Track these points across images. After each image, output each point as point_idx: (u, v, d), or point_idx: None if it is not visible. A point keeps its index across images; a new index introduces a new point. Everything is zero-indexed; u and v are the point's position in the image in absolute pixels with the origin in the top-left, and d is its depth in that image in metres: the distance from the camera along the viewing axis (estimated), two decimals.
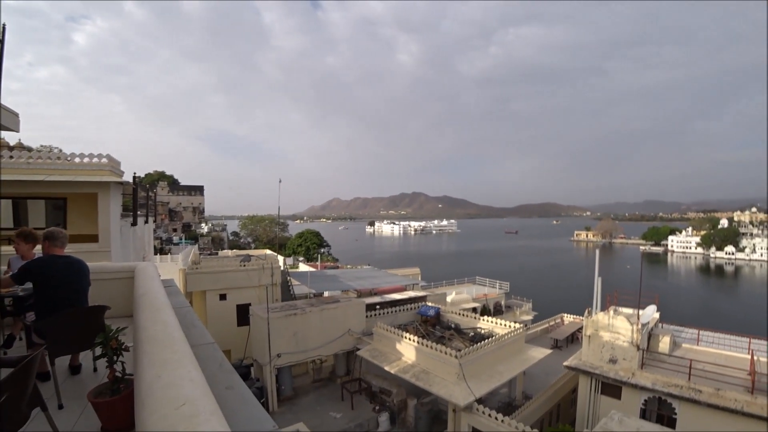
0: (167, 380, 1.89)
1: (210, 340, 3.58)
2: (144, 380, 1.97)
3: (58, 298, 4.39)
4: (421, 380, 18.02)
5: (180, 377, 1.94)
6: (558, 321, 37.28)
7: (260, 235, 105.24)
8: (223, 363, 3.13)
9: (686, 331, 22.86)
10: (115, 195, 13.76)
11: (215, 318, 25.95)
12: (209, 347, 3.41)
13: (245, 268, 27.48)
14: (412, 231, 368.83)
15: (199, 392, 1.83)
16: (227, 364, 3.13)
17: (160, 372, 1.99)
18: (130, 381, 3.11)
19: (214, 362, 3.11)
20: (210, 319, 25.72)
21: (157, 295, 3.68)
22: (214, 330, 25.19)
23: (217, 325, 25.57)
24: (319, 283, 30.86)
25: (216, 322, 25.77)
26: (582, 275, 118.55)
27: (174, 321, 3.01)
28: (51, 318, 4.11)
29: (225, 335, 25.46)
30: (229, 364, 3.16)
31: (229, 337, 25.58)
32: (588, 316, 20.38)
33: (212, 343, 3.51)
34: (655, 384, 17.38)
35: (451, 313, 26.15)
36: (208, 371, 2.56)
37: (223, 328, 25.67)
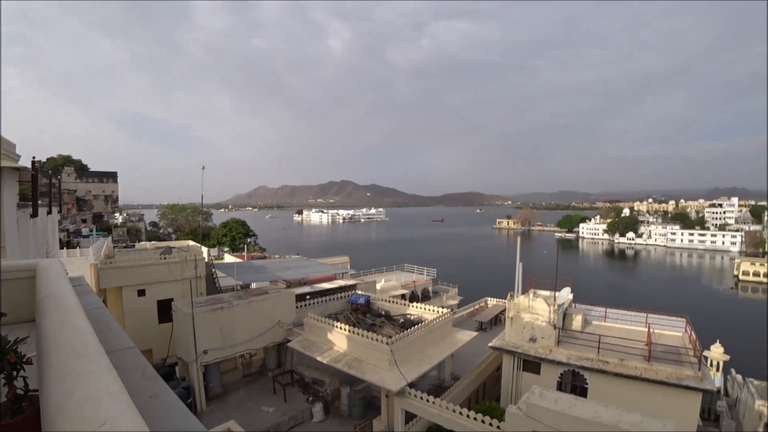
0: (81, 396, 1.66)
1: (129, 344, 3.25)
2: (53, 398, 1.70)
3: None
4: (354, 368, 18.13)
5: (97, 391, 1.71)
6: (483, 304, 39.18)
7: (182, 225, 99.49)
8: (146, 369, 2.85)
9: (595, 310, 25.06)
10: (9, 182, 12.18)
11: (134, 316, 24.13)
12: (129, 353, 3.10)
13: (166, 260, 25.74)
14: (340, 219, 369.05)
15: (121, 407, 1.63)
16: (150, 370, 2.86)
17: (72, 387, 1.74)
18: (35, 398, 2.72)
19: (136, 369, 2.82)
20: (128, 317, 23.88)
21: (64, 297, 3.28)
22: (133, 329, 23.45)
23: (136, 324, 23.83)
24: (246, 275, 29.82)
25: (134, 320, 23.98)
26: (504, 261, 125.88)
27: (86, 325, 2.69)
28: None
29: (145, 334, 23.80)
30: (153, 370, 2.89)
31: (150, 336, 23.95)
32: (510, 300, 21.65)
33: (132, 347, 3.19)
34: (570, 359, 18.93)
35: (381, 301, 26.50)
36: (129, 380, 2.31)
37: (142, 327, 23.97)
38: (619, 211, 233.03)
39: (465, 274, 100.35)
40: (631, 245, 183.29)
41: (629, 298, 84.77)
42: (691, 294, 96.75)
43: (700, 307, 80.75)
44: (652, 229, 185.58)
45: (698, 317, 32.17)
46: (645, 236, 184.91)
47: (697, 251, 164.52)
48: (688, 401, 16.68)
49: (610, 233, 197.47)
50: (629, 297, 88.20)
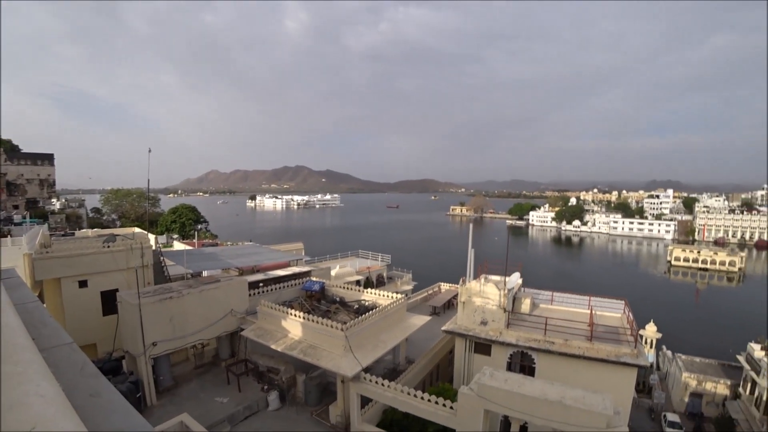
0: (8, 401, 1.54)
1: (67, 340, 3.07)
2: None
3: None
4: (309, 355, 18.10)
5: (25, 394, 1.60)
6: (436, 289, 40.06)
7: (127, 211, 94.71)
8: (86, 366, 2.70)
9: (543, 294, 26.27)
10: None
11: (75, 309, 22.72)
12: (65, 349, 2.92)
13: (110, 249, 24.37)
14: (295, 205, 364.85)
15: (54, 409, 1.55)
16: (90, 367, 2.71)
17: None
18: None
19: (74, 367, 2.67)
20: (68, 311, 22.47)
21: None
22: (75, 323, 22.13)
23: (78, 318, 22.47)
24: (196, 263, 28.91)
25: (76, 313, 22.60)
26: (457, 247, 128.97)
27: (16, 322, 2.51)
28: None
29: (88, 327, 22.52)
30: (93, 367, 2.74)
31: (93, 330, 22.67)
32: (462, 284, 22.28)
33: (69, 343, 3.01)
34: (519, 340, 19.79)
35: (336, 287, 26.50)
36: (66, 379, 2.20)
37: (85, 320, 22.65)
38: (566, 200, 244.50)
39: (419, 260, 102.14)
40: (577, 233, 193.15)
41: (574, 283, 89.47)
42: (629, 278, 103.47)
43: (637, 290, 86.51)
44: (596, 217, 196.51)
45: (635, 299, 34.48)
46: (590, 224, 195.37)
47: (636, 238, 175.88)
48: (625, 376, 17.95)
49: (557, 221, 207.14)
50: (574, 281, 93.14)
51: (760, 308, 76.97)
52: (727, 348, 44.53)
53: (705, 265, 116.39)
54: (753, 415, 32.30)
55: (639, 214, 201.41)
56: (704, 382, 38.72)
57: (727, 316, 73.52)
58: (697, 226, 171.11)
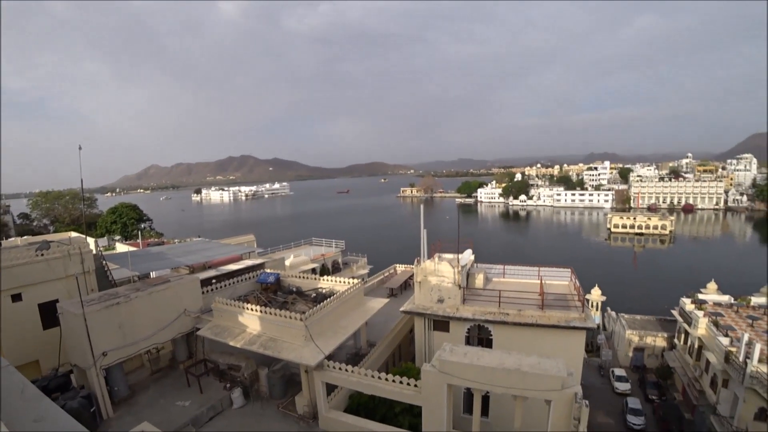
0: None
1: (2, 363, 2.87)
2: None
3: None
4: (270, 348, 17.93)
5: None
6: (392, 272, 40.58)
7: (61, 215, 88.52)
8: (26, 388, 2.54)
9: (495, 268, 27.27)
10: None
11: (10, 325, 20.93)
12: (2, 373, 2.74)
13: (44, 257, 22.70)
14: (243, 196, 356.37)
15: None
16: (31, 389, 2.55)
17: None
18: None
19: (12, 391, 2.49)
20: (3, 328, 20.78)
21: None
22: (12, 341, 20.47)
23: (15, 334, 20.77)
24: (143, 264, 27.62)
25: (12, 330, 20.85)
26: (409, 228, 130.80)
27: None
28: None
29: (28, 344, 20.89)
30: (34, 388, 2.59)
31: (34, 346, 21.08)
32: (417, 265, 22.70)
33: (6, 366, 2.81)
34: (475, 315, 20.51)
35: (292, 277, 26.30)
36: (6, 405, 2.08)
37: (23, 336, 20.99)
38: (512, 176, 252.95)
39: (373, 243, 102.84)
40: (524, 207, 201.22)
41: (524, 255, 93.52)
42: (574, 246, 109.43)
43: (581, 258, 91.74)
44: (540, 191, 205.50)
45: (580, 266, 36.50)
46: (535, 198, 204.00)
47: (579, 209, 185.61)
48: (576, 339, 19.12)
49: (505, 197, 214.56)
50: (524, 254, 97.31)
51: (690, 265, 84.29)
52: (663, 304, 48.38)
53: (641, 230, 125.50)
54: (687, 362, 35.55)
55: (580, 186, 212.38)
56: (645, 337, 42.12)
57: (661, 275, 79.77)
58: (632, 194, 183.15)
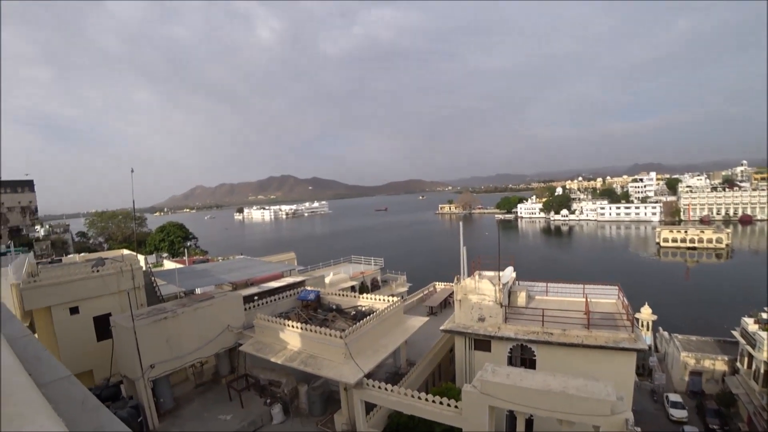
0: None
1: (64, 373, 3.00)
2: None
3: None
4: (310, 365, 17.99)
5: None
6: (431, 289, 40.08)
7: (114, 233, 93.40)
8: (86, 399, 2.64)
9: (537, 285, 26.43)
10: None
11: (67, 337, 22.25)
12: (64, 383, 2.85)
13: (99, 273, 24.00)
14: (283, 215, 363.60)
15: None
16: (91, 400, 2.65)
17: None
18: None
19: (74, 401, 2.60)
20: (60, 339, 22.01)
21: None
22: (69, 351, 21.67)
23: (72, 345, 22.01)
24: (189, 280, 28.55)
25: (69, 341, 22.13)
26: (448, 245, 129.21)
27: (11, 360, 2.46)
28: None
29: (83, 354, 22.07)
30: (94, 399, 2.68)
31: (88, 356, 22.22)
32: (457, 283, 22.33)
33: (67, 376, 2.94)
34: (517, 334, 19.89)
35: (331, 295, 26.41)
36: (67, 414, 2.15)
37: (79, 347, 22.20)
38: (552, 190, 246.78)
39: (412, 260, 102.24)
40: (566, 221, 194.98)
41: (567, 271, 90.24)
42: (620, 262, 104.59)
43: (629, 274, 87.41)
44: (583, 205, 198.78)
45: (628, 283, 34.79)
46: (577, 212, 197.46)
47: (624, 223, 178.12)
48: (625, 361, 18.13)
49: (545, 212, 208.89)
50: (567, 270, 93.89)
51: (750, 282, 78.17)
52: (722, 324, 45.26)
53: (693, 244, 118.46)
54: (752, 388, 32.83)
55: (624, 199, 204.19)
56: (702, 360, 39.30)
57: (718, 293, 74.74)
58: (682, 206, 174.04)
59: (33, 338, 4.07)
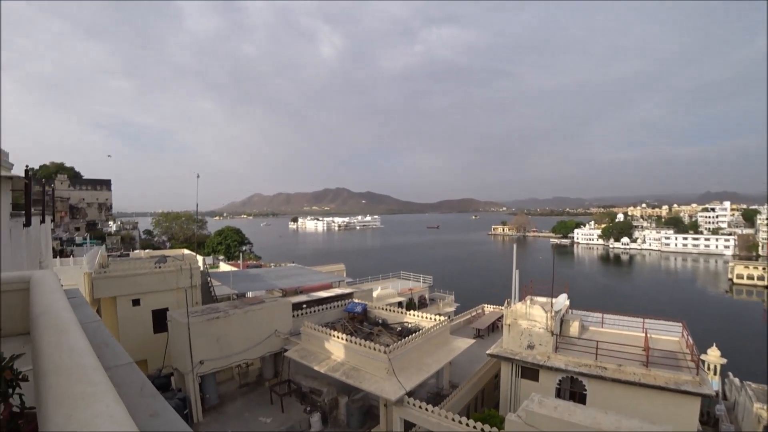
0: (81, 420, 1.60)
1: (127, 360, 3.18)
2: (52, 422, 1.64)
3: None
4: (352, 378, 17.99)
5: (96, 415, 1.65)
6: (479, 311, 39.09)
7: (176, 233, 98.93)
8: (145, 386, 2.79)
9: (592, 315, 25.07)
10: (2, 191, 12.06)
11: (128, 326, 23.85)
12: (126, 369, 3.03)
13: (161, 269, 25.53)
14: (336, 227, 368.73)
15: (122, 430, 1.59)
16: (149, 387, 2.80)
17: (71, 410, 1.69)
18: (31, 416, 2.67)
19: (134, 387, 2.76)
20: (122, 328, 23.60)
21: (60, 313, 3.21)
22: (128, 340, 23.16)
23: (131, 334, 23.55)
24: (242, 284, 29.64)
25: (129, 330, 23.71)
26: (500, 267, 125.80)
27: (84, 344, 2.62)
28: None
29: (140, 344, 23.52)
30: (152, 387, 2.82)
31: (144, 346, 23.66)
32: (507, 306, 21.61)
33: (130, 363, 3.12)
34: (568, 365, 18.87)
35: (378, 309, 26.39)
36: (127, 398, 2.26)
37: (137, 337, 23.69)
38: (613, 216, 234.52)
39: (461, 280, 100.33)
40: (626, 250, 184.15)
41: (625, 303, 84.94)
42: (686, 298, 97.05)
43: (695, 311, 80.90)
44: (646, 233, 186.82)
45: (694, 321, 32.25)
46: (639, 241, 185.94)
47: (692, 255, 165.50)
48: (687, 406, 16.66)
49: (604, 238, 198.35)
50: (625, 302, 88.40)
51: None
52: None
53: None
54: None
55: (693, 229, 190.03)
56: None
57: None
58: (761, 240, 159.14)
59: (101, 324, 4.36)
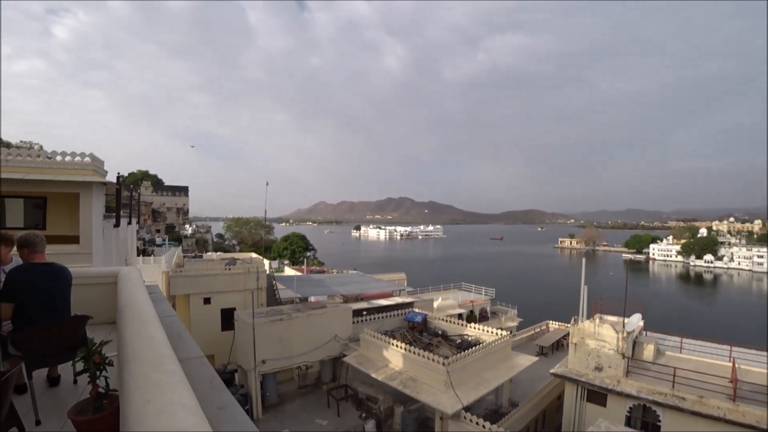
0: (158, 406, 1.73)
1: (198, 354, 3.40)
2: (132, 405, 1.80)
3: (38, 309, 4.16)
4: (409, 387, 17.88)
5: (171, 402, 1.78)
6: (543, 328, 37.49)
7: (245, 237, 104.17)
8: (214, 379, 2.95)
9: (669, 339, 23.13)
10: (97, 195, 13.39)
11: (199, 323, 25.43)
12: (198, 362, 3.23)
13: (230, 271, 27.01)
14: (398, 236, 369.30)
15: (194, 420, 1.68)
16: (218, 381, 2.96)
17: (148, 395, 1.83)
18: (114, 397, 2.92)
19: (204, 379, 2.93)
20: (193, 324, 25.20)
21: (142, 306, 3.50)
22: (198, 335, 24.65)
23: (201, 330, 25.07)
24: (305, 288, 30.52)
25: (199, 326, 25.26)
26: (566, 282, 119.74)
27: (161, 335, 2.84)
28: (29, 330, 3.89)
29: (208, 340, 24.97)
30: (220, 381, 2.99)
31: (212, 342, 25.08)
32: (574, 324, 20.50)
33: (201, 357, 3.33)
34: (640, 392, 17.52)
35: (438, 320, 26.08)
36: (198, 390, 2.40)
37: (206, 333, 25.18)
38: (694, 230, 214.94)
39: (525, 294, 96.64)
40: (710, 269, 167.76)
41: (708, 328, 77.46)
42: None
43: None
44: (734, 251, 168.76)
45: None
46: (726, 259, 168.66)
47: None
48: None
49: (684, 255, 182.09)
50: (708, 326, 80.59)
51: None
52: None
53: None
54: None
55: None
56: None
57: None
58: None
59: (177, 319, 4.68)
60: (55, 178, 12.33)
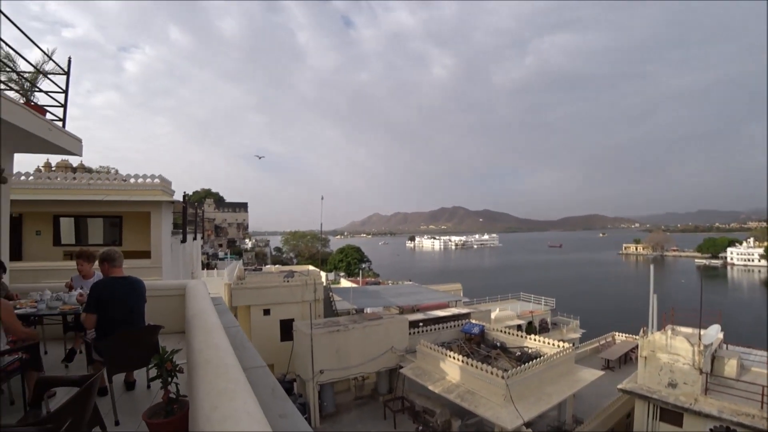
0: (224, 413, 1.84)
1: (261, 363, 3.55)
2: (200, 411, 1.92)
3: (118, 319, 4.55)
4: (466, 401, 17.50)
5: (236, 410, 1.88)
6: (609, 340, 35.40)
7: (302, 250, 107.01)
8: (276, 388, 3.08)
9: (755, 354, 21.06)
10: (166, 213, 14.35)
11: (259, 333, 26.37)
12: (260, 371, 3.38)
13: (289, 283, 27.88)
14: (452, 246, 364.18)
15: (258, 426, 1.77)
16: (280, 390, 3.08)
17: (216, 402, 1.95)
18: (184, 403, 3.12)
19: (266, 388, 3.06)
20: (254, 333, 26.16)
21: (208, 317, 3.71)
22: (258, 345, 25.54)
23: (261, 340, 25.95)
24: (361, 299, 30.82)
25: (260, 337, 26.17)
26: (632, 290, 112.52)
27: (226, 344, 2.99)
28: (111, 338, 4.26)
29: (268, 350, 25.80)
30: (282, 390, 3.10)
31: (272, 352, 25.89)
32: (644, 336, 19.24)
33: (263, 366, 3.48)
34: (723, 412, 16.08)
35: (496, 331, 25.44)
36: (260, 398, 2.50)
37: (266, 343, 26.03)
38: None
39: (587, 304, 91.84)
40: None
41: None
42: None
43: None
44: None
45: None
46: None
47: None
48: None
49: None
50: None
51: None
52: None
53: None
54: None
55: None
56: None
57: None
58: None
59: (240, 330, 4.90)
60: (129, 198, 13.38)
